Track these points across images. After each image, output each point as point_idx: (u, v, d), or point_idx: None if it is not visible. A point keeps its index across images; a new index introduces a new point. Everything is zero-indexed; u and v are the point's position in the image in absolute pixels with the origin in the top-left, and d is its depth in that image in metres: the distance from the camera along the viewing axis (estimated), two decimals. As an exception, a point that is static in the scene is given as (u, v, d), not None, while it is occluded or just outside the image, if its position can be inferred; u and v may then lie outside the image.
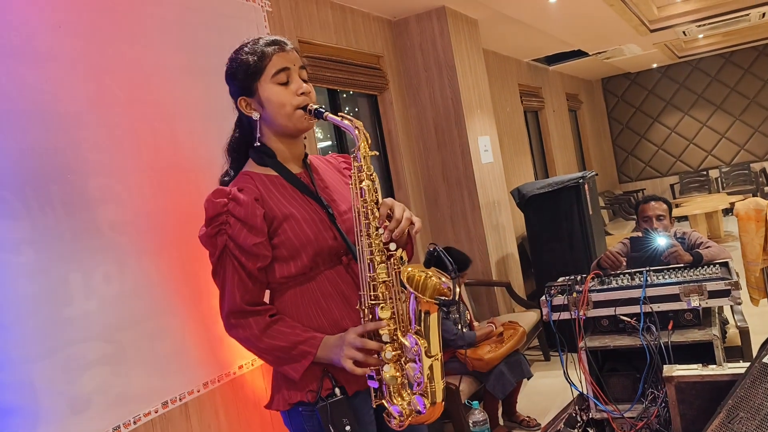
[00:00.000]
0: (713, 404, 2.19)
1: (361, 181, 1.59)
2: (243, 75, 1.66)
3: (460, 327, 3.81)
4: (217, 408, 2.77)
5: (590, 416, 2.76)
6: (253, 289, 1.62)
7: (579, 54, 8.61)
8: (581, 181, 5.02)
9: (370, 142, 1.62)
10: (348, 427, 1.57)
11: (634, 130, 11.88)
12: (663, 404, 2.51)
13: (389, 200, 1.61)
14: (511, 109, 7.32)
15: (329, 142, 4.55)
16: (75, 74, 2.37)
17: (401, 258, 1.59)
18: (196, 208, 1.90)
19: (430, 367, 1.54)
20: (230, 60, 1.71)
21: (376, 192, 1.59)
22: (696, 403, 2.28)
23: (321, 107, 1.65)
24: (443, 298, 1.56)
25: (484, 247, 5.09)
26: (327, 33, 4.21)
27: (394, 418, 1.58)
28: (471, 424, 3.39)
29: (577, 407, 2.84)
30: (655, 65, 11.21)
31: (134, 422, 2.36)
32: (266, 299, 1.72)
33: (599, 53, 8.70)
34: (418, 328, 1.56)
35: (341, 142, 4.43)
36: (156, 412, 2.46)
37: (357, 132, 1.59)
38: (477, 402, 3.46)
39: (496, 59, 7.14)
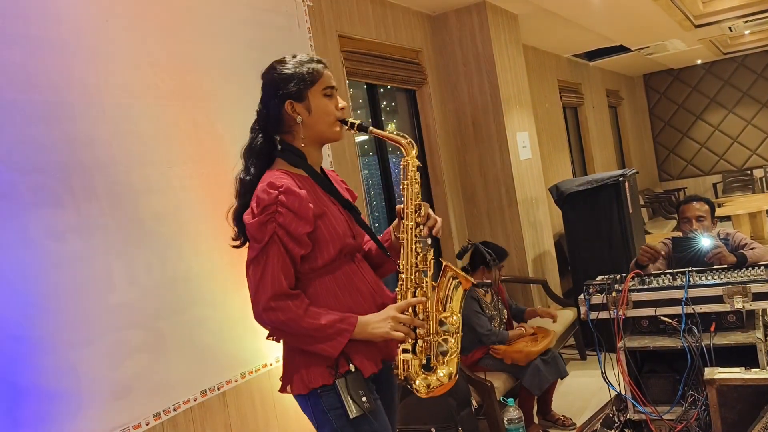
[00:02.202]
0: (755, 409, 2.15)
1: (410, 186, 1.87)
2: (299, 81, 1.84)
3: (496, 325, 3.78)
4: (254, 398, 2.81)
5: (628, 417, 2.73)
6: (293, 275, 1.78)
7: (620, 49, 8.45)
8: (621, 178, 4.93)
9: (417, 152, 1.90)
10: (364, 398, 1.75)
11: (676, 128, 11.64)
12: (703, 407, 2.46)
13: (425, 203, 1.89)
14: (549, 105, 7.24)
15: (365, 137, 4.56)
16: (120, 67, 2.41)
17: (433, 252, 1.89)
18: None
19: (458, 342, 1.83)
20: (278, 69, 1.89)
21: (420, 196, 1.88)
22: (738, 406, 2.24)
23: (363, 122, 1.90)
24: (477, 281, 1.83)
25: (521, 244, 5.05)
26: (366, 28, 4.22)
27: (423, 388, 1.79)
28: (506, 422, 3.37)
29: (614, 408, 2.81)
30: (699, 61, 10.96)
31: (174, 409, 2.41)
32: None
33: (641, 49, 8.53)
34: (451, 307, 1.84)
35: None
36: (195, 401, 2.50)
37: (409, 146, 1.88)
38: (512, 399, 3.44)
39: (536, 54, 7.06)
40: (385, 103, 4.83)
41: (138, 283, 2.35)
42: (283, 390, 1.89)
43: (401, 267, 1.85)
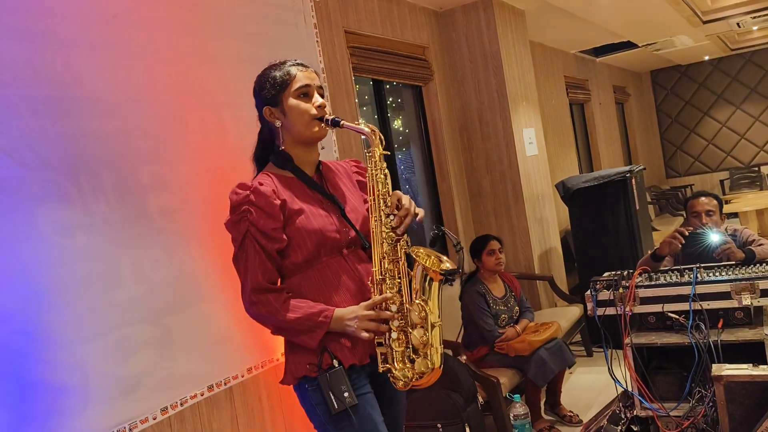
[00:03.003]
0: (763, 405, 2.15)
1: (375, 176, 1.88)
2: (270, 87, 1.91)
3: (503, 321, 3.77)
4: (260, 393, 2.81)
5: (634, 414, 2.72)
6: (271, 270, 1.84)
7: (628, 45, 8.42)
8: (628, 175, 4.92)
9: (384, 143, 1.92)
10: (346, 394, 1.79)
11: (683, 124, 11.59)
12: (711, 404, 2.46)
13: (398, 192, 1.89)
14: (556, 101, 7.22)
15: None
16: (127, 63, 2.42)
17: (407, 242, 1.88)
18: (243, 195, 1.94)
19: (434, 333, 1.82)
20: (258, 77, 1.97)
21: (387, 185, 1.89)
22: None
23: (337, 117, 1.91)
24: (446, 269, 1.83)
25: (527, 241, 5.04)
26: (373, 23, 4.21)
27: (401, 380, 1.83)
28: (512, 418, 3.37)
29: (621, 404, 2.80)
30: (706, 57, 10.90)
31: (181, 404, 2.42)
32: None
33: (649, 45, 8.50)
34: (424, 297, 1.84)
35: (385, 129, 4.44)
36: (202, 395, 2.51)
37: (372, 135, 1.89)
38: (518, 395, 3.44)
39: (543, 51, 7.04)
40: (391, 99, 4.83)
41: (145, 279, 2.36)
42: (281, 381, 1.97)
43: (373, 261, 1.87)
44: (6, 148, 1.99)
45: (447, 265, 1.84)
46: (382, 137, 1.93)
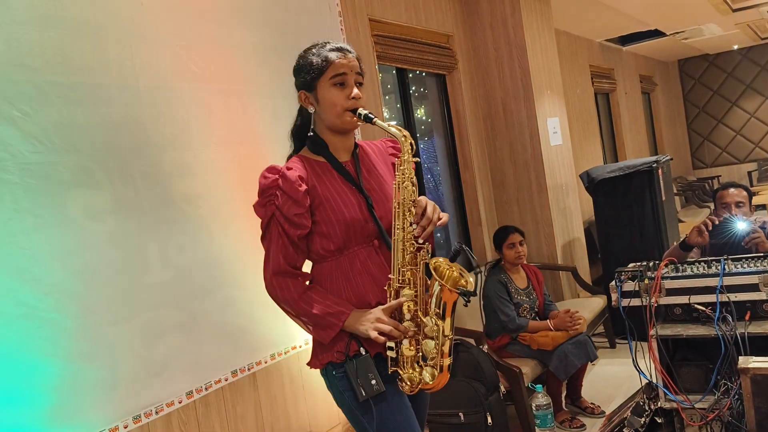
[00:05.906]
0: (792, 399, 2.12)
1: (403, 183, 1.83)
2: (307, 72, 1.88)
3: (525, 312, 3.76)
4: (284, 379, 2.84)
5: (659, 405, 2.70)
6: (293, 254, 1.85)
7: (655, 34, 8.29)
8: (655, 165, 4.85)
9: (414, 149, 1.87)
10: (373, 381, 1.78)
11: (711, 114, 11.40)
12: (736, 396, 2.43)
13: (423, 199, 1.84)
14: (581, 90, 7.14)
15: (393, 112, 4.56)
16: (154, 50, 2.44)
17: (428, 251, 1.84)
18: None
19: (445, 345, 1.80)
20: (299, 57, 1.93)
21: (414, 193, 1.85)
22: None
23: (370, 113, 1.86)
24: (464, 288, 1.77)
25: (551, 231, 5.01)
26: (397, 11, 4.19)
27: (407, 384, 1.82)
28: (534, 408, 3.36)
29: (645, 396, 2.78)
30: (735, 47, 10.70)
31: (206, 389, 2.45)
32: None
33: (677, 33, 8.36)
34: (438, 311, 1.79)
35: (407, 114, 4.43)
36: (226, 380, 2.54)
37: (404, 140, 1.84)
38: (540, 386, 3.43)
39: (568, 39, 6.96)
40: (414, 88, 4.81)
41: (171, 264, 2.39)
42: (309, 363, 1.97)
43: (391, 267, 1.84)
44: (37, 134, 2.02)
45: (464, 282, 1.80)
46: (414, 143, 1.86)
